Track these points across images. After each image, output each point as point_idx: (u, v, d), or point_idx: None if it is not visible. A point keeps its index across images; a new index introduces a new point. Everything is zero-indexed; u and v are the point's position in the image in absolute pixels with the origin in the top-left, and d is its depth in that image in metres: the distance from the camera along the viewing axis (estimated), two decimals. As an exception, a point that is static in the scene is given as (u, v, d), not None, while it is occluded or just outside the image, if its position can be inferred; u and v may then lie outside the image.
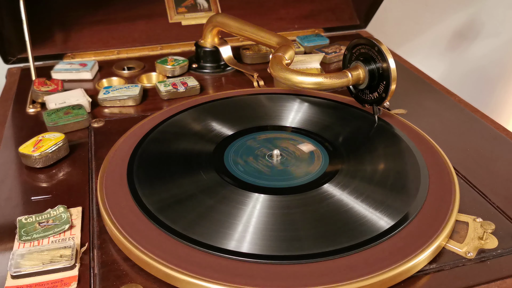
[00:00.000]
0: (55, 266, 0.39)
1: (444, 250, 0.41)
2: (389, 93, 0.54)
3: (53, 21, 0.81)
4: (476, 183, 0.50)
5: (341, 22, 0.93)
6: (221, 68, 0.77)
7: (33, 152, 0.52)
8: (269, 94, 0.64)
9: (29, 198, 0.48)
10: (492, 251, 0.41)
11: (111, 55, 0.82)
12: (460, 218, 0.44)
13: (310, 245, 0.39)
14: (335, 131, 0.56)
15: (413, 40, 1.27)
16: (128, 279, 0.39)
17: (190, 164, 0.50)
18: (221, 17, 0.73)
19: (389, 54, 0.54)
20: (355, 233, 0.41)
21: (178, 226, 0.41)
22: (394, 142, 0.54)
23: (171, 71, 0.74)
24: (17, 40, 0.77)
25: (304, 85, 0.56)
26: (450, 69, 1.37)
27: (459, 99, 0.68)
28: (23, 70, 0.78)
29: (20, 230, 0.43)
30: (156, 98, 0.68)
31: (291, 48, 0.62)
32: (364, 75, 0.56)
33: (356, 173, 0.49)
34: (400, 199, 0.45)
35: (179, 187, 0.46)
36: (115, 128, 0.60)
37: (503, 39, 1.37)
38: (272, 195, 0.45)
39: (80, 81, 0.74)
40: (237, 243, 0.39)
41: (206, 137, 0.55)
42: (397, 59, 0.81)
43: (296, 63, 0.75)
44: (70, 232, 0.43)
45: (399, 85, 0.67)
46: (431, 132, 0.57)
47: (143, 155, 0.51)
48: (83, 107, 0.62)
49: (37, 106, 0.66)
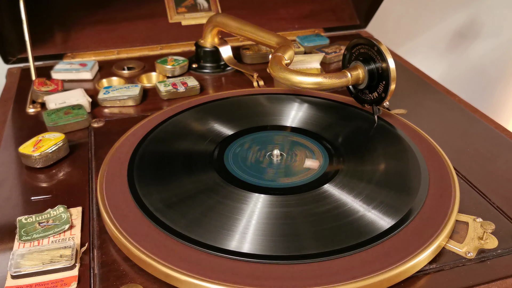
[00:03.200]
0: (55, 266, 0.39)
1: (444, 250, 0.41)
2: (389, 93, 0.54)
3: (53, 21, 0.81)
4: (476, 183, 0.50)
5: (341, 22, 0.93)
6: (221, 68, 0.77)
7: (33, 152, 0.52)
8: (269, 94, 0.64)
9: (29, 198, 0.48)
10: (492, 251, 0.41)
11: (111, 55, 0.82)
12: (460, 218, 0.44)
13: (310, 245, 0.39)
14: (335, 131, 0.56)
15: (413, 40, 1.27)
16: (128, 279, 0.39)
17: (190, 164, 0.50)
18: (221, 17, 0.73)
19: (388, 54, 0.53)
20: (355, 233, 0.41)
21: (178, 226, 0.41)
22: (394, 142, 0.54)
23: (171, 71, 0.74)
24: (17, 40, 0.77)
25: (304, 85, 0.56)
26: (450, 69, 1.37)
27: (459, 99, 0.68)
28: (23, 70, 0.78)
29: (20, 230, 0.43)
30: (156, 98, 0.68)
31: (291, 48, 0.62)
32: (363, 75, 0.56)
33: (356, 173, 0.49)
34: (400, 199, 0.45)
35: (179, 187, 0.46)
36: (115, 128, 0.60)
37: (503, 39, 1.37)
38: (272, 195, 0.45)
39: (80, 81, 0.74)
40: (237, 243, 0.39)
41: (206, 137, 0.55)
42: (397, 59, 0.81)
43: (296, 63, 0.75)
44: (70, 232, 0.43)
45: (399, 85, 0.67)
46: (431, 132, 0.57)
47: (143, 155, 0.51)
48: (83, 107, 0.62)
49: (37, 106, 0.66)
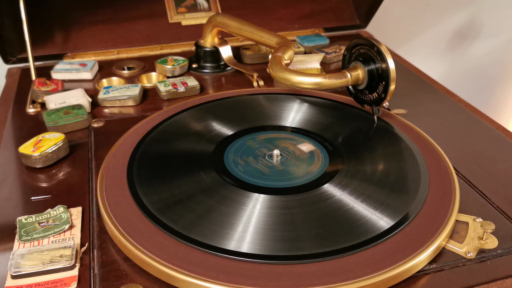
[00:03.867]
0: (55, 266, 0.39)
1: (444, 250, 0.41)
2: (388, 93, 0.54)
3: (53, 21, 0.81)
4: (476, 183, 0.50)
5: (341, 22, 0.93)
6: (221, 68, 0.77)
7: (33, 152, 0.52)
8: (269, 94, 0.64)
9: (29, 198, 0.48)
10: (492, 251, 0.41)
11: (111, 55, 0.82)
12: (460, 218, 0.44)
13: (310, 245, 0.39)
14: (335, 131, 0.56)
15: (413, 40, 1.27)
16: (128, 279, 0.39)
17: (190, 164, 0.50)
18: (221, 17, 0.73)
19: (388, 55, 0.53)
20: (355, 233, 0.41)
21: (178, 226, 0.41)
22: (394, 142, 0.54)
23: (171, 71, 0.74)
24: (17, 40, 0.77)
25: (303, 85, 0.56)
26: (450, 69, 1.37)
27: (459, 99, 0.68)
28: (23, 70, 0.78)
29: (20, 230, 0.43)
30: (156, 98, 0.68)
31: (291, 48, 0.62)
32: (363, 75, 0.56)
33: (356, 173, 0.49)
34: (400, 199, 0.45)
35: (179, 187, 0.46)
36: (115, 128, 0.60)
37: (503, 39, 1.37)
38: (272, 195, 0.45)
39: (80, 81, 0.74)
40: (237, 243, 0.39)
41: (206, 137, 0.55)
42: (397, 59, 0.81)
43: (296, 63, 0.75)
44: (70, 232, 0.43)
45: (399, 85, 0.67)
46: (431, 132, 0.57)
47: (143, 155, 0.51)
48: (83, 107, 0.62)
49: (37, 106, 0.66)
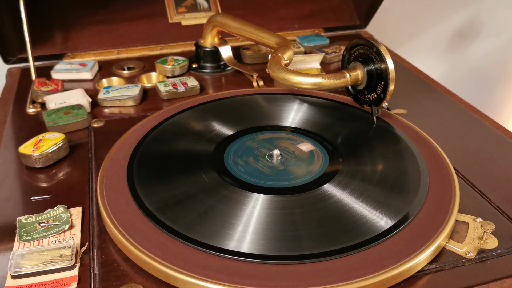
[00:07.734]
0: (55, 266, 0.39)
1: (444, 250, 0.41)
2: (388, 94, 0.54)
3: (53, 21, 0.81)
4: (476, 183, 0.50)
5: (341, 22, 0.93)
6: (221, 68, 0.77)
7: (33, 152, 0.52)
8: (269, 94, 0.64)
9: (29, 198, 0.48)
10: (492, 251, 0.41)
11: (111, 55, 0.82)
12: (460, 218, 0.44)
13: (310, 245, 0.39)
14: (335, 131, 0.56)
15: (413, 40, 1.27)
16: (128, 279, 0.39)
17: (190, 164, 0.50)
18: (221, 17, 0.73)
19: (387, 55, 0.53)
20: (355, 233, 0.41)
21: (178, 226, 0.41)
22: (394, 142, 0.54)
23: (171, 71, 0.74)
24: (17, 40, 0.77)
25: (303, 85, 0.56)
26: (450, 69, 1.37)
27: (459, 99, 0.68)
28: (23, 70, 0.78)
29: (20, 230, 0.43)
30: (156, 98, 0.68)
31: (290, 49, 0.62)
32: (362, 75, 0.56)
33: (356, 173, 0.49)
34: (400, 199, 0.45)
35: (179, 187, 0.46)
36: (115, 128, 0.60)
37: (503, 39, 1.37)
38: (272, 195, 0.45)
39: (80, 81, 0.74)
40: (237, 243, 0.39)
41: (206, 137, 0.55)
42: (397, 59, 0.81)
43: (296, 63, 0.75)
44: (70, 232, 0.43)
45: (399, 85, 0.67)
46: (431, 132, 0.57)
47: (143, 155, 0.51)
48: (83, 107, 0.62)
49: (37, 106, 0.66)
